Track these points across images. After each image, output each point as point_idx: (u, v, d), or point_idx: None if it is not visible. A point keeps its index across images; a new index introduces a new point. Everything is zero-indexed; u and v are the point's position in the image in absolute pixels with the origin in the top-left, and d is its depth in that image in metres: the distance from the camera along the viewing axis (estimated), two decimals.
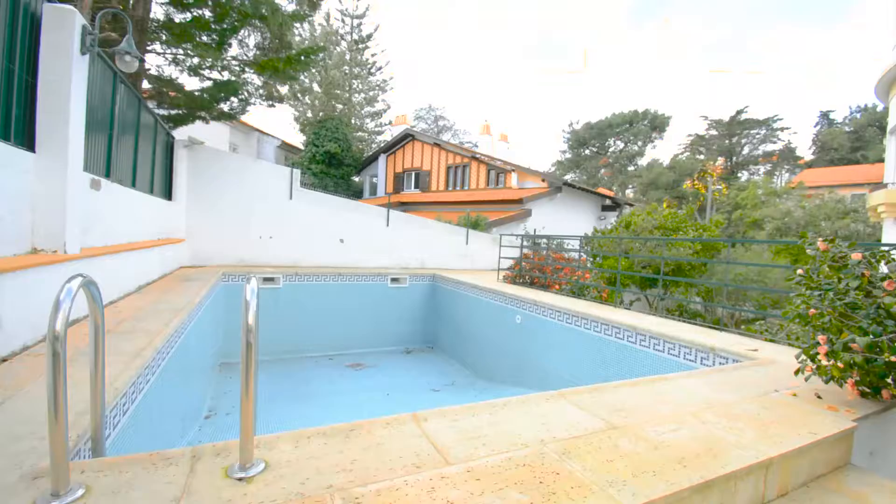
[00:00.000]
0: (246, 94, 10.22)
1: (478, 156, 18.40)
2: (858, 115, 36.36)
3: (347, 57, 23.97)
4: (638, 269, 9.29)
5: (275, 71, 8.44)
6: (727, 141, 36.90)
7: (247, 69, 9.66)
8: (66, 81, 3.44)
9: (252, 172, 8.72)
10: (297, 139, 24.03)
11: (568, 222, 16.34)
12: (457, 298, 8.56)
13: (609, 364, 5.05)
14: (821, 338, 2.59)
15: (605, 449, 1.84)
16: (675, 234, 9.78)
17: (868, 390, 2.67)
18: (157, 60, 8.70)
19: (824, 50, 66.64)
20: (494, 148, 24.15)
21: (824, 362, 2.67)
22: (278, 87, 11.50)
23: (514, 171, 16.91)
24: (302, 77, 21.16)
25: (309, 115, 22.96)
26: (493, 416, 2.13)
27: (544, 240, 9.14)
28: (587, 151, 42.52)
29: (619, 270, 7.00)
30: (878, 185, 10.55)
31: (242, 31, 9.17)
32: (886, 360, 2.44)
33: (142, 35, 7.24)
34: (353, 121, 25.13)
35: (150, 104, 8.32)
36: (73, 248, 3.61)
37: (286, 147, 22.95)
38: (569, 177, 40.26)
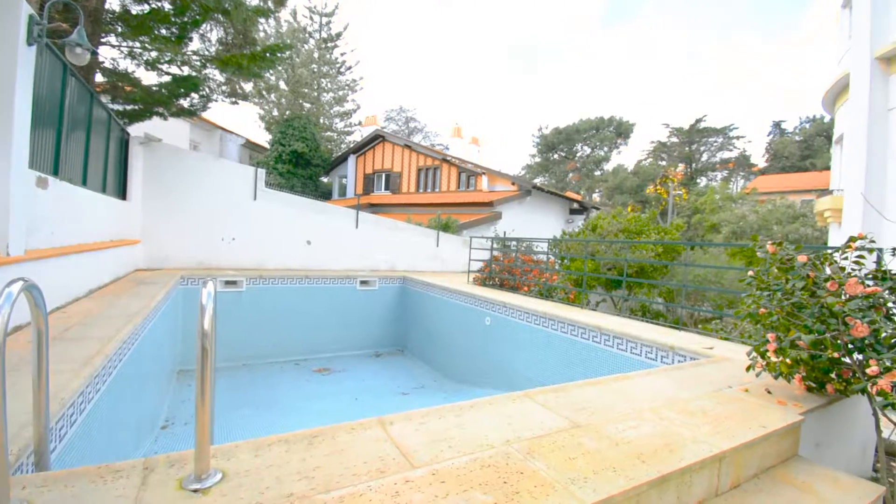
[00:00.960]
0: (207, 90, 9.86)
1: (449, 158, 18.48)
2: (808, 126, 38.83)
3: (316, 55, 23.53)
4: (603, 271, 9.58)
5: (238, 67, 8.18)
6: (687, 148, 38.63)
7: (208, 65, 9.32)
8: (10, 73, 3.25)
9: (214, 171, 8.42)
10: (263, 138, 23.40)
11: (537, 225, 16.65)
12: (427, 301, 8.55)
13: (575, 364, 5.16)
14: (770, 336, 2.73)
15: (568, 447, 1.87)
16: (639, 237, 10.14)
17: (814, 385, 2.84)
18: (111, 53, 8.26)
19: (779, 62, 70.83)
20: (465, 150, 24.33)
21: (773, 359, 2.82)
22: (242, 84, 11.16)
23: (484, 173, 17.08)
24: (268, 74, 20.63)
25: (275, 113, 22.38)
26: (459, 417, 2.13)
27: (514, 242, 9.26)
28: (556, 156, 43.50)
29: (585, 272, 7.19)
30: (825, 191, 11.31)
31: (204, 26, 8.83)
32: (829, 356, 2.60)
33: (95, 26, 6.86)
34: (321, 120, 24.67)
35: (104, 99, 7.88)
36: (17, 249, 3.39)
37: (251, 146, 22.28)
38: (538, 180, 41.06)
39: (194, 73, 8.99)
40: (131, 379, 3.73)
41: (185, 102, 9.46)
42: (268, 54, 8.25)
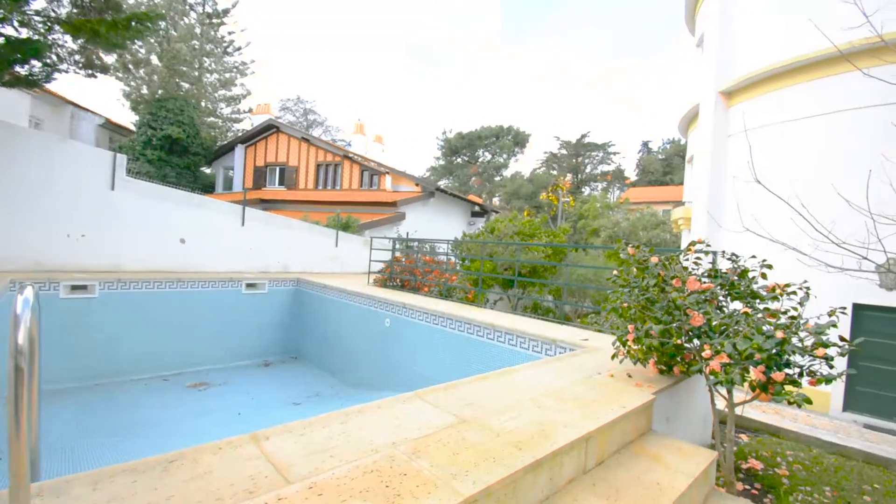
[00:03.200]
0: (54, 57, 8.24)
1: (351, 155, 17.95)
2: (668, 146, 45.62)
3: (198, 30, 20.96)
4: (500, 271, 10.12)
5: (94, 35, 6.94)
6: (574, 160, 42.79)
7: (56, 28, 7.79)
8: None
9: (59, 154, 7.03)
10: (129, 119, 20.25)
11: (441, 226, 16.99)
12: (323, 304, 8.15)
13: (471, 362, 5.33)
14: (630, 327, 3.10)
15: (452, 443, 1.89)
16: (531, 240, 10.92)
17: (664, 368, 3.29)
18: None
19: (648, 87, 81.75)
20: (368, 149, 23.87)
21: (633, 347, 3.21)
22: (101, 54, 9.55)
23: (388, 173, 16.94)
24: (136, 46, 17.92)
25: (144, 91, 19.38)
26: (345, 424, 2.04)
27: (416, 243, 9.30)
28: (459, 160, 44.98)
29: (482, 273, 7.50)
30: (679, 203, 13.30)
31: None
32: (675, 343, 3.04)
33: None
34: (203, 104, 22.07)
35: None
36: None
37: (113, 127, 19.13)
38: (442, 183, 42.06)
39: (36, 36, 7.42)
40: None
41: (22, 70, 7.76)
42: (134, 23, 7.13)
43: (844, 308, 2.70)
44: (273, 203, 16.97)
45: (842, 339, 2.52)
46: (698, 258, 3.39)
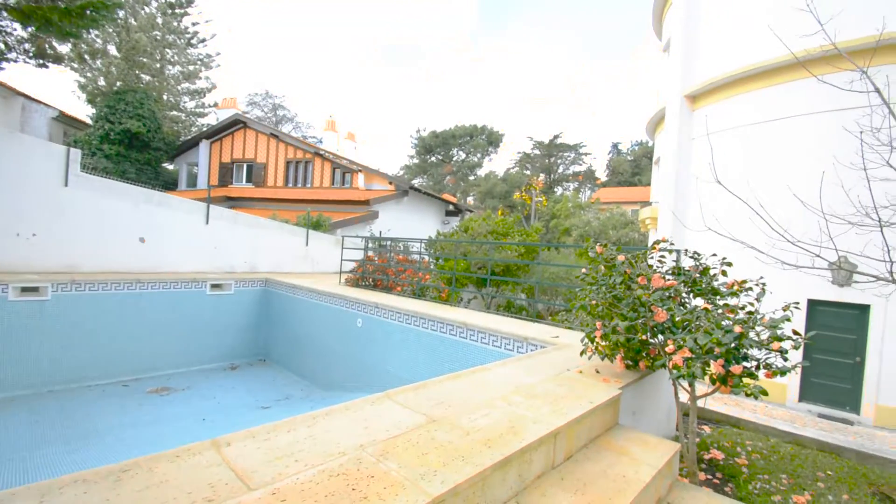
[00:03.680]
0: (1, 45, 7.76)
1: (322, 152, 17.62)
2: (637, 148, 46.93)
3: (159, 20, 20.05)
4: (474, 270, 10.15)
5: (46, 23, 6.56)
6: (547, 160, 43.44)
7: (3, 14, 7.33)
8: None
9: (7, 149, 6.58)
10: (86, 112, 19.23)
11: (415, 225, 16.92)
12: (293, 304, 7.96)
13: (444, 361, 5.32)
14: (598, 323, 3.16)
15: (421, 443, 1.87)
16: (505, 239, 11.00)
17: (631, 363, 3.36)
18: None
19: (619, 89, 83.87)
20: (340, 146, 23.51)
21: (601, 343, 3.27)
22: (54, 43, 9.05)
23: (361, 171, 16.72)
24: (92, 36, 17.01)
25: (102, 83, 18.39)
26: (311, 428, 1.99)
27: (389, 242, 9.21)
28: (433, 158, 44.91)
29: (455, 272, 7.51)
30: (647, 203, 13.70)
31: None
32: (640, 338, 3.11)
33: None
34: (165, 97, 21.16)
35: None
36: None
37: (67, 120, 18.09)
38: (416, 181, 41.92)
39: None
40: None
41: None
42: (89, 11, 6.78)
43: (798, 303, 2.84)
44: (240, 201, 16.47)
45: (795, 332, 2.64)
46: (662, 256, 3.50)
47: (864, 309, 6.93)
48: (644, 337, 3.11)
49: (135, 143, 17.15)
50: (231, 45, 67.75)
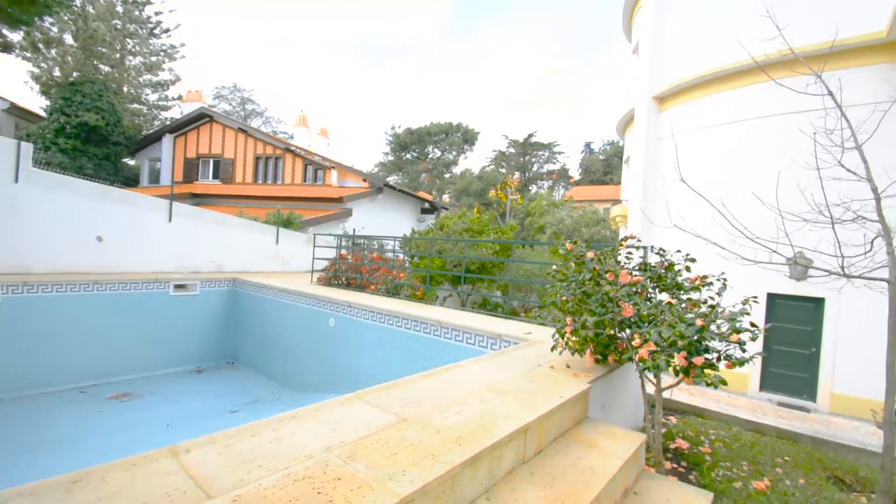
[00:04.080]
0: None
1: (293, 148, 17.23)
2: (608, 148, 47.97)
3: (120, 9, 19.09)
4: (449, 268, 10.15)
5: None
6: (522, 158, 43.91)
7: None
8: None
9: None
10: (39, 104, 18.14)
11: (390, 223, 16.76)
12: (263, 305, 7.76)
13: (418, 359, 5.29)
14: (568, 319, 3.20)
15: (391, 443, 1.85)
16: (480, 237, 11.05)
17: (600, 357, 3.43)
18: None
19: (591, 89, 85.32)
20: (312, 142, 23.01)
21: (571, 339, 3.32)
22: (3, 30, 8.49)
23: (334, 168, 16.44)
24: (46, 24, 16.05)
25: (57, 73, 17.38)
26: (277, 431, 1.93)
27: (363, 240, 9.08)
28: (409, 155, 44.67)
29: (429, 270, 7.48)
30: (617, 201, 14.03)
31: None
32: (609, 333, 3.18)
33: None
34: (125, 89, 20.20)
35: None
36: None
37: (20, 112, 17.08)
38: (391, 179, 41.60)
39: None
40: None
41: None
42: None
43: (756, 297, 2.96)
44: (206, 198, 15.91)
45: (752, 325, 2.75)
46: (630, 253, 3.58)
47: (819, 302, 7.31)
48: (612, 332, 3.18)
49: (93, 137, 16.30)
50: (197, 36, 65.34)
